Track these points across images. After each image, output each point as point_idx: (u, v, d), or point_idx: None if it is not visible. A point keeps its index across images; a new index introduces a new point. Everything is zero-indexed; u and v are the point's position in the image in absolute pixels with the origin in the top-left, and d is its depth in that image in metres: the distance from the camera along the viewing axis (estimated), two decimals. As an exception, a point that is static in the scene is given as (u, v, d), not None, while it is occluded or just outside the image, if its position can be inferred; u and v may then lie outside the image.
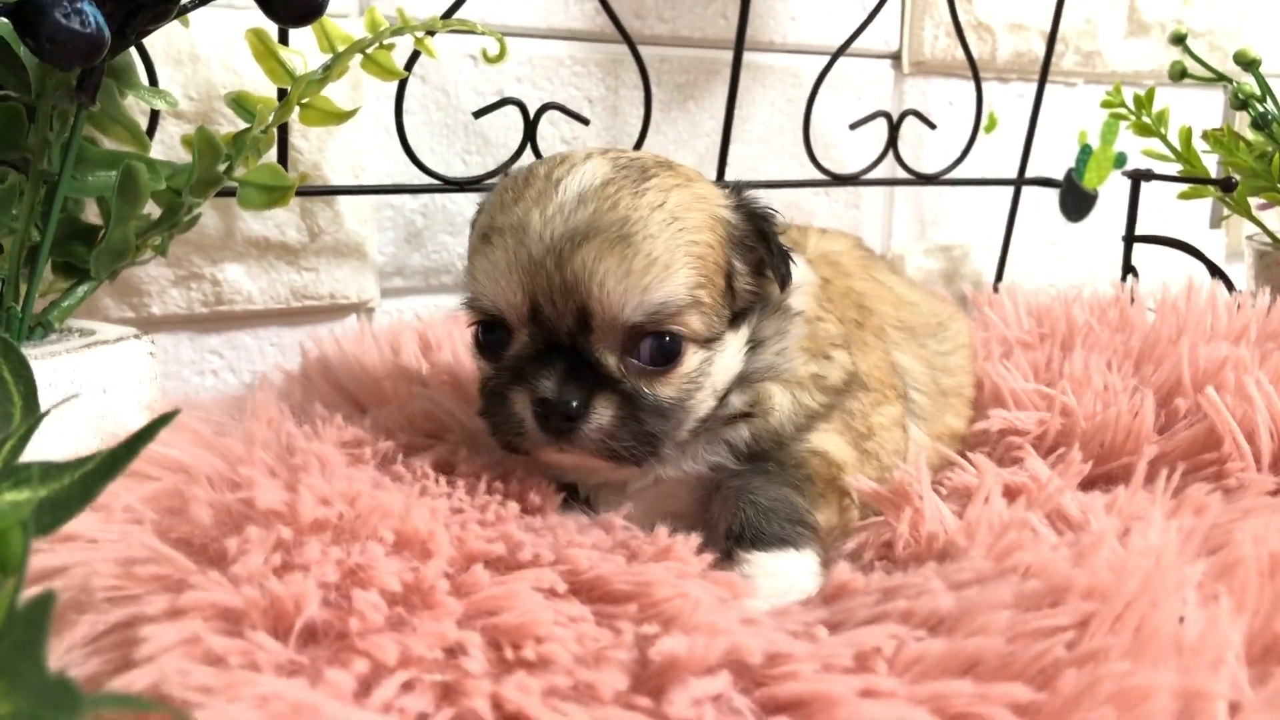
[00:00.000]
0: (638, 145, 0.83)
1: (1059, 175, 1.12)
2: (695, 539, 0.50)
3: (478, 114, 0.77)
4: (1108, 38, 1.11)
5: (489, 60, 0.69)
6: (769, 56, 0.95)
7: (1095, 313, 0.86)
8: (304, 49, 0.66)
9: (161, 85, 0.68)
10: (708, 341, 0.53)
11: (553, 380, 0.50)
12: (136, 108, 0.65)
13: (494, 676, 0.37)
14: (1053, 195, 1.14)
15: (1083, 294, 0.89)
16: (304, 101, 0.63)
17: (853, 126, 0.94)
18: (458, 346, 0.72)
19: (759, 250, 0.55)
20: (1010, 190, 1.04)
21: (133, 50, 0.63)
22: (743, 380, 0.56)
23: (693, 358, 0.52)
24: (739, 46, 0.85)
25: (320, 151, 0.75)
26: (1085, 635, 0.41)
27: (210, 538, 0.42)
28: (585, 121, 0.81)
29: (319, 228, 0.77)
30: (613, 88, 0.88)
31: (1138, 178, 0.98)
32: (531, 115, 0.78)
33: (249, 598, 0.37)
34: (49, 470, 0.37)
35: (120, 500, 0.46)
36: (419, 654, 0.36)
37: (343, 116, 0.64)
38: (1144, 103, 0.97)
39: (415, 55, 0.72)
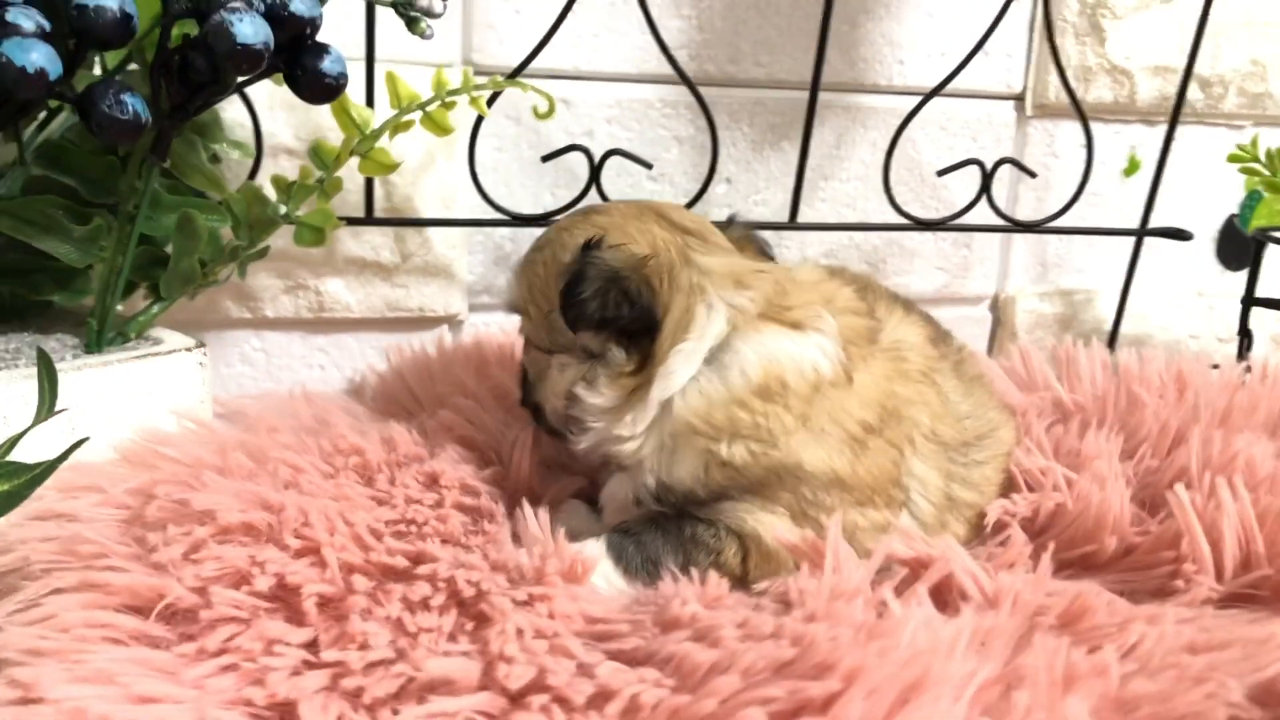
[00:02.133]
0: (705, 184, 0.89)
1: (1220, 222, 1.06)
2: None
3: (545, 158, 0.85)
4: (1278, 79, 1.04)
5: (539, 116, 0.77)
6: (873, 98, 0.96)
7: (1155, 383, 0.83)
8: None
9: (278, 126, 0.81)
10: (538, 347, 0.67)
11: None
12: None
13: (296, 672, 0.46)
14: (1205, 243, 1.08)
15: (1150, 359, 0.86)
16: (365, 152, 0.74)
17: (940, 173, 0.94)
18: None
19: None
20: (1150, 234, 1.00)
21: (240, 102, 0.77)
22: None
23: (531, 350, 0.68)
24: (814, 86, 0.88)
25: (414, 185, 0.86)
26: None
27: (147, 528, 0.53)
28: (648, 166, 0.87)
29: (409, 251, 0.87)
30: (701, 128, 0.93)
31: (1261, 238, 0.92)
32: (596, 160, 0.85)
33: (133, 582, 0.48)
34: (17, 470, 0.50)
35: (121, 486, 0.58)
36: (245, 646, 0.46)
37: (391, 168, 0.74)
38: (1277, 159, 0.91)
39: (495, 96, 0.81)
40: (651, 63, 0.91)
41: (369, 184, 0.82)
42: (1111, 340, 1.03)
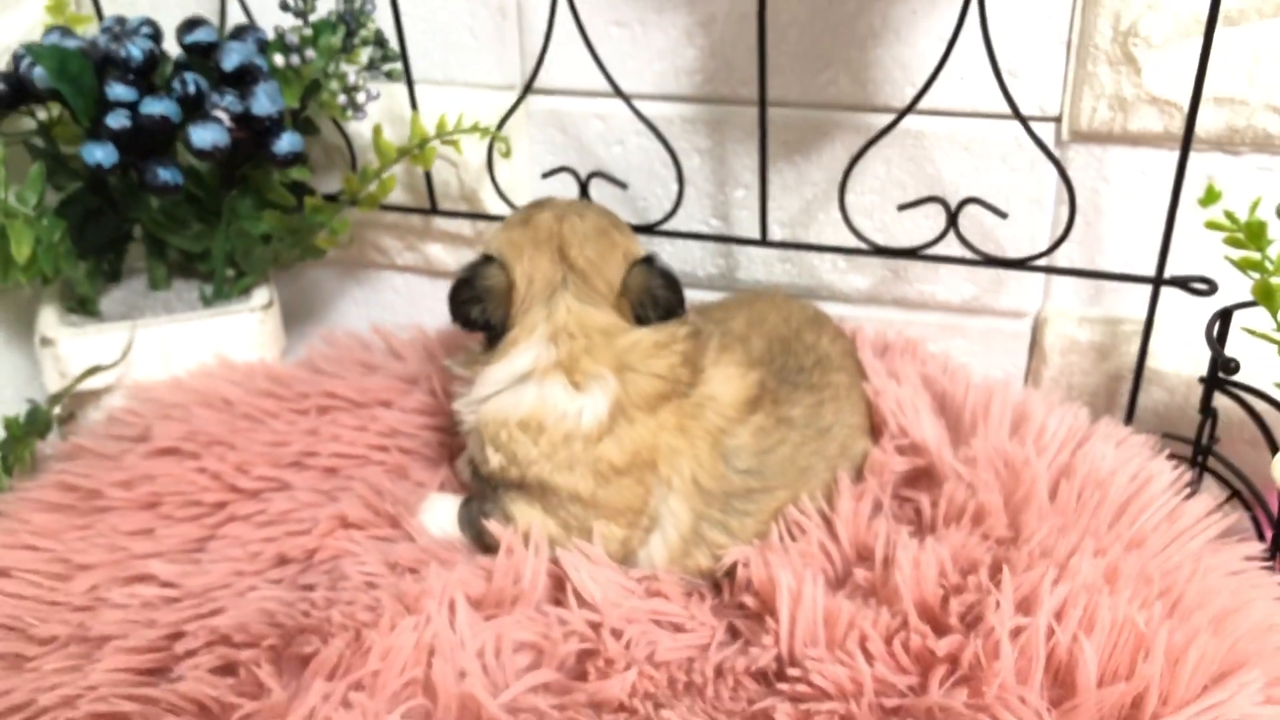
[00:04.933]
0: (676, 204, 1.04)
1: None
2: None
3: (544, 175, 1.05)
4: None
5: (502, 155, 0.98)
6: (885, 118, 0.99)
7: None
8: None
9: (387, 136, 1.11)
10: None
11: None
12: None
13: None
14: None
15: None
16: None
17: (901, 208, 0.95)
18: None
19: None
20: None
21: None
22: None
23: None
24: (762, 99, 0.96)
25: (479, 181, 1.11)
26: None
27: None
28: (623, 186, 1.03)
29: (480, 229, 1.14)
30: (719, 141, 1.05)
31: (1223, 316, 0.82)
32: (584, 177, 1.03)
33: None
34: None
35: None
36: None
37: (382, 198, 1.01)
38: (1258, 230, 0.80)
39: (511, 111, 1.03)
40: (670, 84, 1.04)
41: (428, 179, 1.09)
42: (1134, 393, 0.97)
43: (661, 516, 0.83)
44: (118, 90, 0.94)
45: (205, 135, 0.89)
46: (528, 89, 1.03)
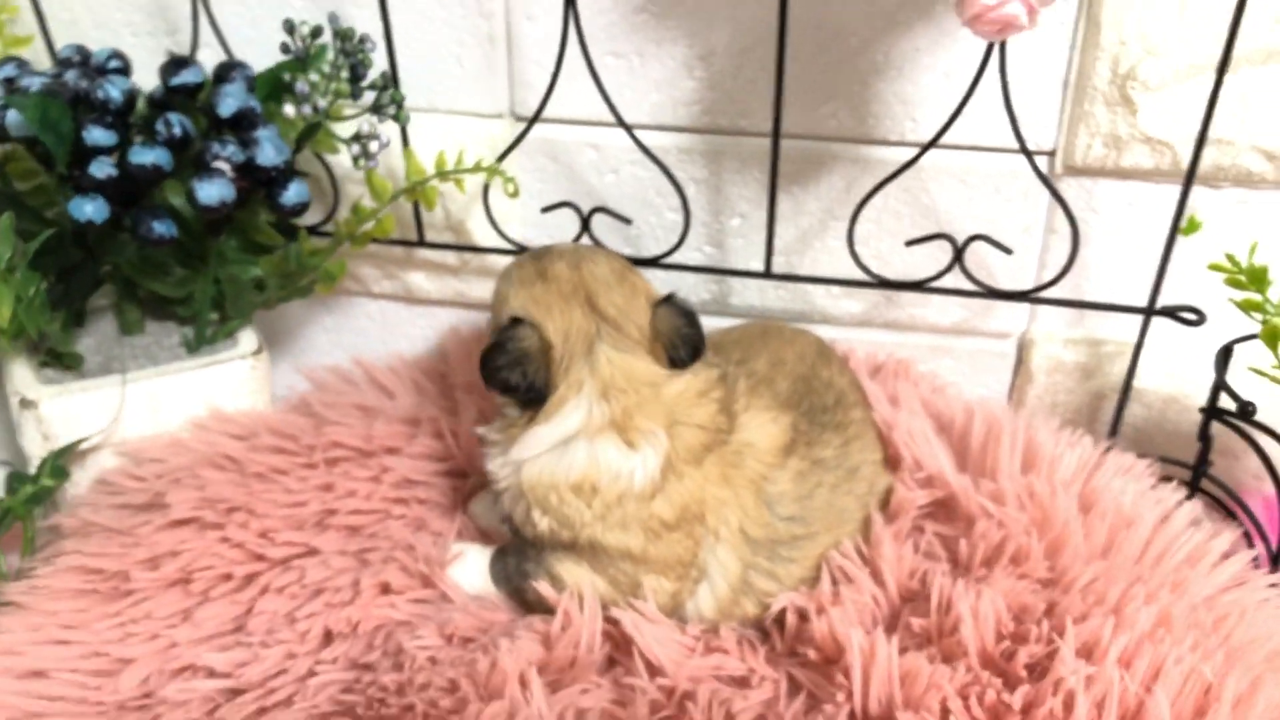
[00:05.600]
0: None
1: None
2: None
3: (544, 210, 1.04)
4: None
5: (509, 195, 0.96)
6: (883, 150, 1.01)
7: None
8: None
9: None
10: None
11: None
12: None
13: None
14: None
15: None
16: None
17: (909, 244, 0.98)
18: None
19: None
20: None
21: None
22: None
23: None
24: (776, 132, 0.97)
25: (467, 210, 1.08)
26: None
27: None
28: (628, 221, 1.03)
29: (467, 259, 1.11)
30: (715, 171, 1.05)
31: (1226, 352, 0.88)
32: (586, 213, 1.03)
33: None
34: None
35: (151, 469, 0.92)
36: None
37: (389, 231, 0.98)
38: (1259, 274, 0.85)
39: (518, 141, 1.01)
40: (667, 115, 1.03)
41: (415, 210, 1.06)
42: (1118, 412, 1.03)
43: (709, 567, 0.84)
44: (96, 135, 0.87)
45: (212, 191, 0.84)
46: (535, 118, 1.00)
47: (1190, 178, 0.90)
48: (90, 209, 0.85)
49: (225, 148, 0.85)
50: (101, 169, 0.86)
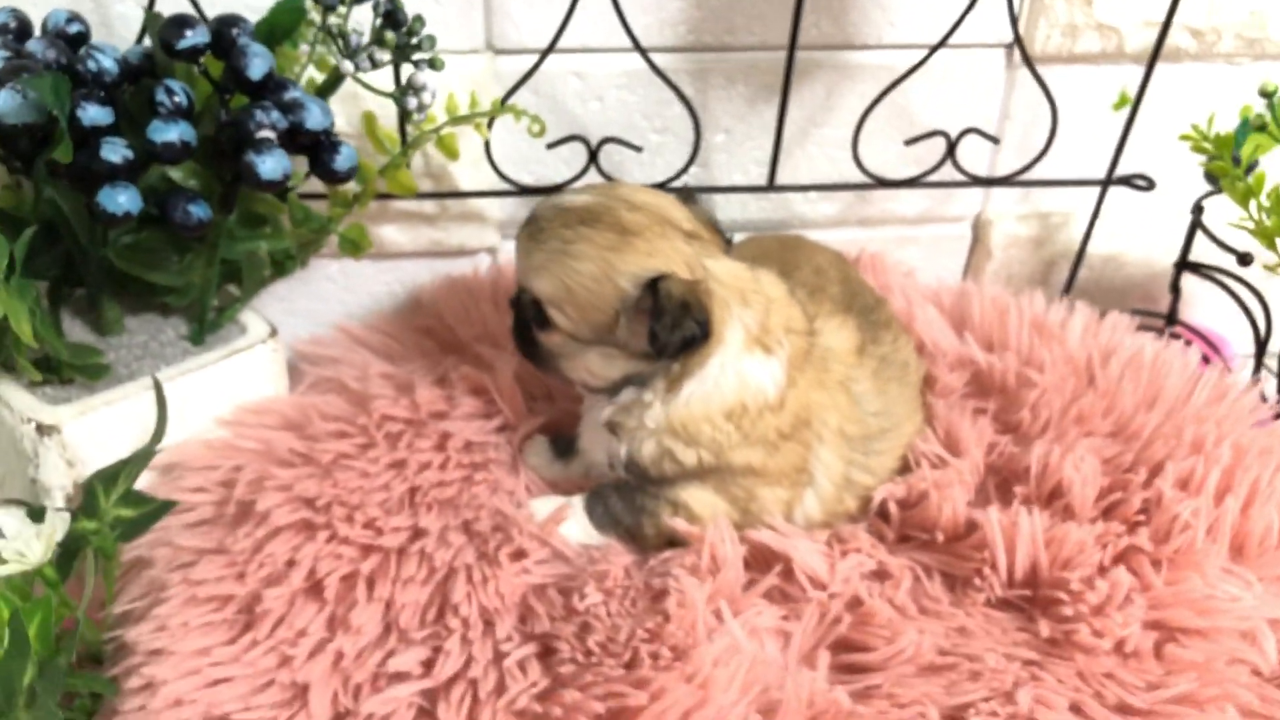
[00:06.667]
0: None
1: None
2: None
3: (550, 146, 1.01)
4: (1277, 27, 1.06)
5: (532, 134, 0.92)
6: (863, 54, 1.05)
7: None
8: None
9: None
10: (573, 336, 0.78)
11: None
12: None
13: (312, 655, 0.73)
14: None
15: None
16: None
17: (907, 143, 1.04)
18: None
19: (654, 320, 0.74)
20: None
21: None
22: (615, 398, 0.82)
23: (554, 334, 0.78)
24: (791, 48, 1.00)
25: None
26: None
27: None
28: (638, 149, 1.02)
29: (446, 206, 1.06)
30: (701, 89, 1.05)
31: (1198, 209, 1.01)
32: (594, 145, 1.01)
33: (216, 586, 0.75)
34: (141, 500, 0.76)
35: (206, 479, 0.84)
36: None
37: (412, 189, 0.92)
38: (1225, 142, 0.97)
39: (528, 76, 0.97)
40: (653, 38, 1.02)
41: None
42: (1072, 275, 1.14)
43: (815, 470, 0.87)
44: (94, 113, 0.76)
45: (274, 165, 0.75)
46: (551, 49, 0.96)
47: (1154, 57, 1.01)
48: (124, 199, 0.74)
49: (269, 114, 0.76)
50: (115, 152, 0.76)
